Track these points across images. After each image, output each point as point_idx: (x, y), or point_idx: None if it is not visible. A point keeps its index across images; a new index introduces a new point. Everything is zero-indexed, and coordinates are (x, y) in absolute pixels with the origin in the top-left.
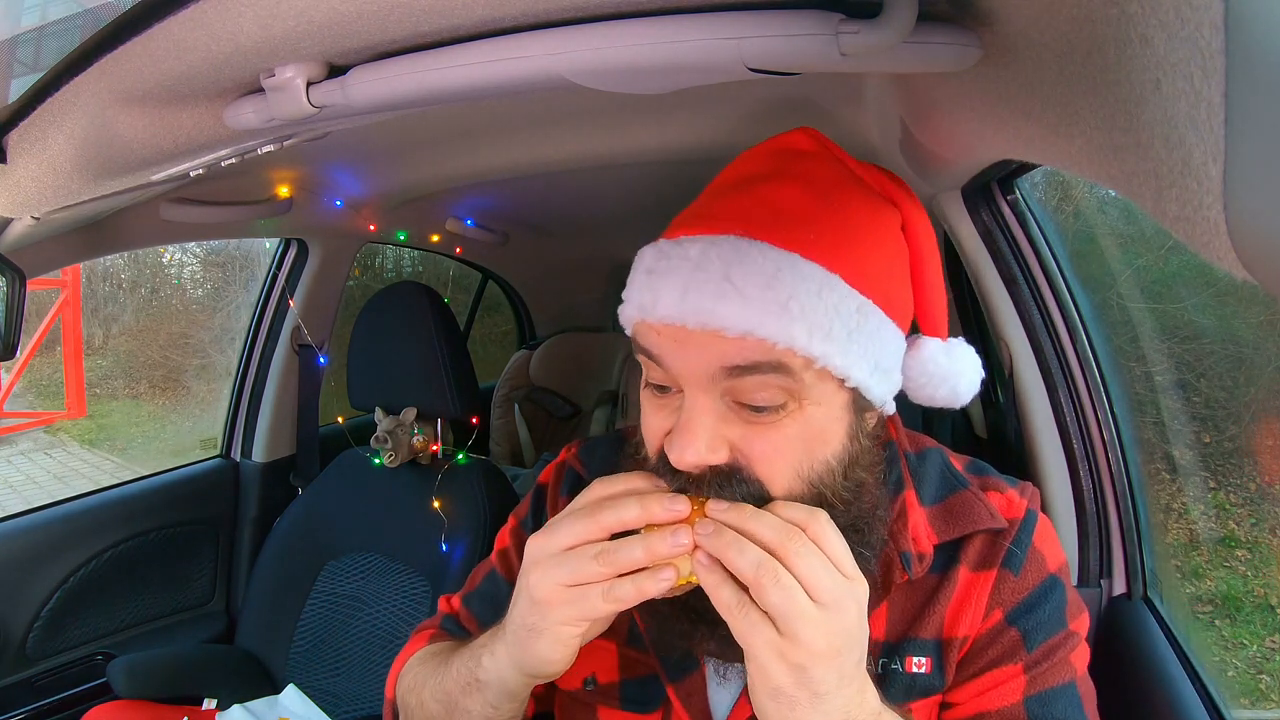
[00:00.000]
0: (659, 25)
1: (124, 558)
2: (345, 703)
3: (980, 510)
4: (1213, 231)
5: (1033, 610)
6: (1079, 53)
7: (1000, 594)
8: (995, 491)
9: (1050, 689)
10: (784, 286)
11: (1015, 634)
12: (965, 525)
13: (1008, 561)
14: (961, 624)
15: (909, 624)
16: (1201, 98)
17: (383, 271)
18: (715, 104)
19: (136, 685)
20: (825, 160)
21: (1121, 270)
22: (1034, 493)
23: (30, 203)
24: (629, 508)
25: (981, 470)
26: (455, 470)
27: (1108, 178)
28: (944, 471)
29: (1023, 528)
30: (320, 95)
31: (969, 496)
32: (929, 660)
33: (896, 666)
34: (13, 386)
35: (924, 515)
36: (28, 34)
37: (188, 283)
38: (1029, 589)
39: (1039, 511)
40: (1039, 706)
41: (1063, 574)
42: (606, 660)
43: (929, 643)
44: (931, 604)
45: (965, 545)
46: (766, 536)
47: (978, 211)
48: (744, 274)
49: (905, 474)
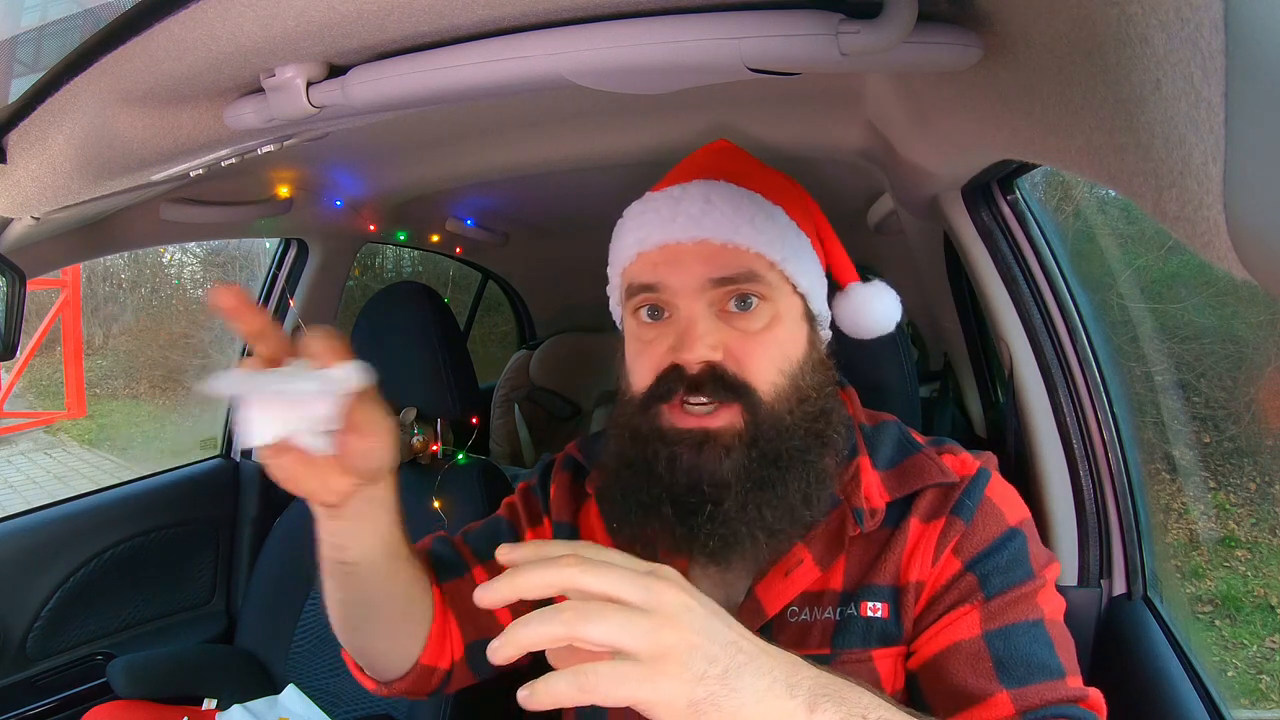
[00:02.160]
0: (659, 25)
1: (124, 558)
2: (345, 703)
3: (931, 468)
4: (1213, 231)
5: (989, 556)
6: (1079, 53)
7: (949, 539)
8: (950, 454)
9: (1013, 624)
10: (747, 209)
11: (972, 578)
12: (916, 482)
13: (956, 509)
14: (914, 569)
15: (865, 573)
16: (1201, 98)
17: (383, 271)
18: (715, 104)
19: (136, 685)
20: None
21: (1121, 270)
22: (991, 458)
23: (30, 203)
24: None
25: (941, 441)
26: (455, 470)
27: (1108, 178)
28: (900, 440)
29: (974, 481)
30: (320, 95)
31: (921, 458)
32: (885, 605)
33: (852, 612)
34: (13, 386)
35: (877, 477)
36: (28, 34)
37: (188, 283)
38: (987, 540)
39: (993, 471)
40: (1000, 641)
41: (1025, 528)
42: None
43: (884, 589)
44: (885, 553)
45: (916, 501)
46: (547, 578)
47: (978, 211)
48: (719, 197)
49: (860, 442)
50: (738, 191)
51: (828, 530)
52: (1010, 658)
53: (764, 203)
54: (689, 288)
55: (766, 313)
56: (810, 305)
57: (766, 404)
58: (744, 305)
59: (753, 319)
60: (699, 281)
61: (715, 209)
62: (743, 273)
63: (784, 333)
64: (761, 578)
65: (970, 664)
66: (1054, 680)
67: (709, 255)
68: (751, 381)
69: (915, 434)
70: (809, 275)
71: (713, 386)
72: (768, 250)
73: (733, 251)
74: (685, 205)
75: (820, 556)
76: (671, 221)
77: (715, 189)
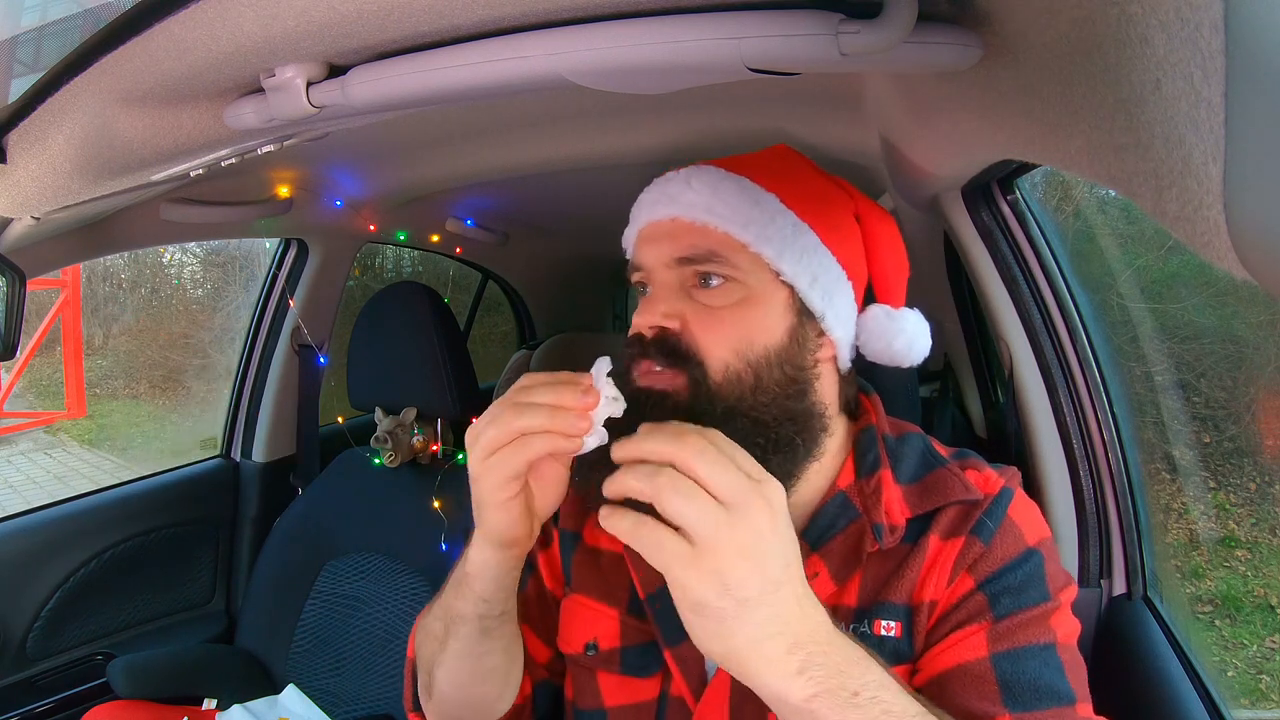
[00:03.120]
0: (659, 25)
1: (124, 558)
2: (345, 703)
3: (955, 484)
4: (1213, 231)
5: (1002, 576)
6: (1079, 53)
7: (967, 559)
8: (974, 470)
9: (1023, 647)
10: (730, 192)
11: (981, 597)
12: (939, 498)
13: (976, 529)
14: (929, 588)
15: (879, 589)
16: (1201, 98)
17: (383, 271)
18: (715, 104)
19: (136, 685)
20: (793, 155)
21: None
22: (1015, 474)
23: (30, 203)
24: (542, 393)
25: (965, 454)
26: (455, 470)
27: (1108, 178)
28: (924, 453)
29: (996, 500)
30: (320, 95)
31: (945, 474)
32: (899, 625)
33: (865, 630)
34: (13, 386)
35: (899, 492)
36: (28, 34)
37: (188, 283)
38: (1004, 560)
39: (1017, 489)
40: (1008, 664)
41: (1044, 548)
42: (609, 627)
43: (899, 607)
44: (902, 570)
45: (938, 516)
46: (660, 448)
47: (978, 211)
48: (700, 180)
49: (882, 454)
50: (723, 175)
51: (845, 544)
52: (1017, 681)
53: (750, 187)
54: (660, 263)
55: (734, 293)
56: (805, 300)
57: (714, 382)
58: (708, 283)
59: (714, 295)
60: (667, 258)
61: (692, 190)
62: (704, 252)
63: (752, 316)
64: None
65: (975, 686)
66: (1063, 707)
67: (678, 233)
68: (702, 355)
69: (939, 445)
70: (804, 270)
71: (659, 350)
72: (739, 231)
73: (701, 230)
74: (670, 186)
75: (836, 571)
76: (655, 203)
77: (701, 172)
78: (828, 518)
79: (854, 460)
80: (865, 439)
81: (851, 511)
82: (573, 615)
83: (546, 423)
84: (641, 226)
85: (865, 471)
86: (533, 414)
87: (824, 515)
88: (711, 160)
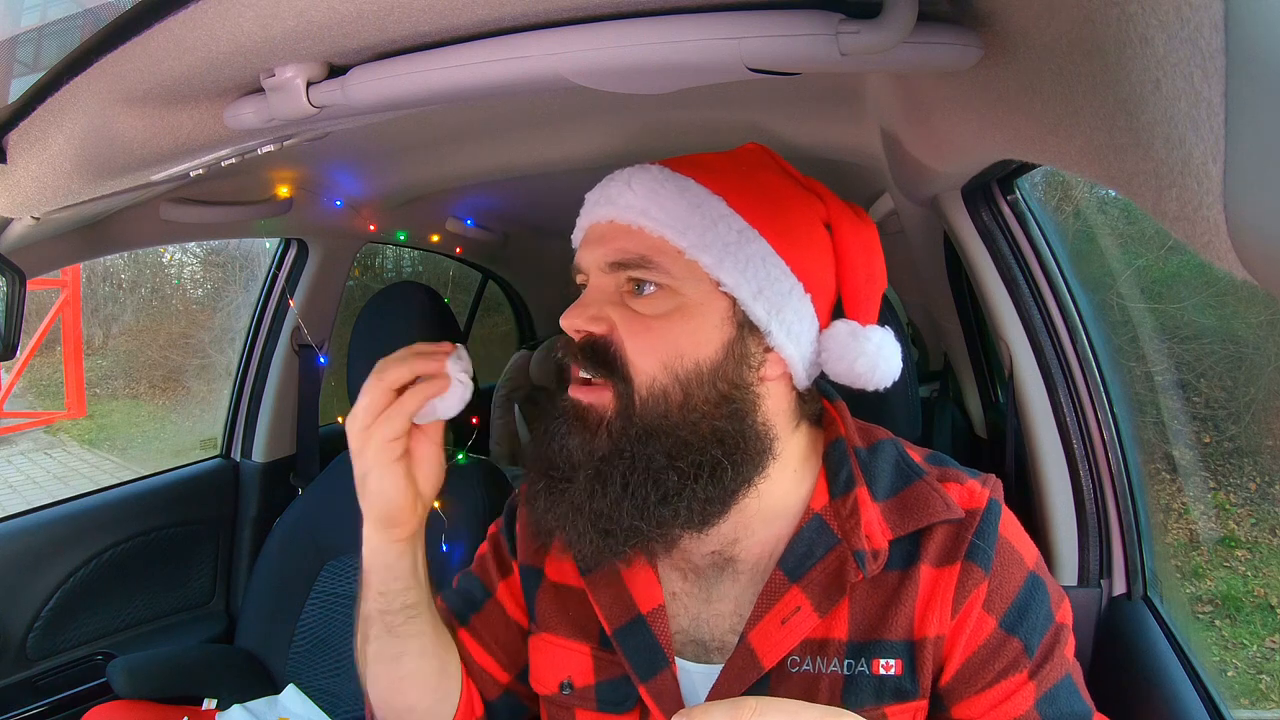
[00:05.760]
0: (659, 25)
1: (124, 558)
2: (345, 703)
3: (936, 502)
4: (1213, 231)
5: (1025, 615)
6: (1079, 53)
7: (969, 589)
8: (954, 483)
9: (1055, 685)
10: (669, 195)
11: (1017, 643)
12: (920, 518)
13: (971, 554)
14: (931, 622)
15: (874, 625)
16: (1201, 98)
17: (383, 271)
18: (714, 104)
19: (136, 685)
20: (762, 155)
21: (1121, 270)
22: (996, 483)
23: (30, 203)
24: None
25: (941, 461)
26: (455, 470)
27: (1108, 178)
28: (899, 463)
29: (985, 519)
30: (320, 95)
31: (924, 488)
32: (899, 662)
33: (864, 669)
34: (13, 386)
35: (877, 511)
36: (28, 34)
37: (188, 283)
38: (1014, 592)
39: (1001, 502)
40: (1048, 706)
41: (1040, 570)
42: (582, 663)
43: (898, 644)
44: (896, 604)
45: (925, 541)
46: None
47: (978, 211)
48: (641, 181)
49: (855, 470)
50: (667, 177)
51: (825, 573)
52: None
53: (694, 189)
54: (595, 266)
55: (666, 301)
56: (748, 312)
57: (640, 397)
58: (641, 290)
59: (646, 303)
60: (601, 262)
61: (631, 191)
62: (635, 257)
63: (683, 328)
64: (755, 625)
65: None
66: None
67: (613, 236)
68: (629, 366)
69: (911, 449)
70: (747, 280)
71: (585, 355)
72: (675, 237)
73: (635, 234)
74: (610, 187)
75: (819, 602)
76: (596, 204)
77: (644, 173)
78: (804, 544)
79: (825, 479)
80: (835, 454)
81: (830, 537)
82: (543, 654)
83: (410, 369)
84: (583, 230)
85: (839, 491)
86: (396, 369)
87: (800, 542)
88: (666, 159)
